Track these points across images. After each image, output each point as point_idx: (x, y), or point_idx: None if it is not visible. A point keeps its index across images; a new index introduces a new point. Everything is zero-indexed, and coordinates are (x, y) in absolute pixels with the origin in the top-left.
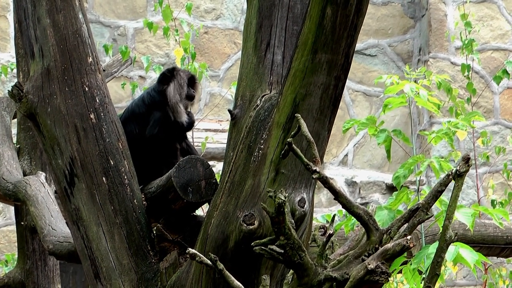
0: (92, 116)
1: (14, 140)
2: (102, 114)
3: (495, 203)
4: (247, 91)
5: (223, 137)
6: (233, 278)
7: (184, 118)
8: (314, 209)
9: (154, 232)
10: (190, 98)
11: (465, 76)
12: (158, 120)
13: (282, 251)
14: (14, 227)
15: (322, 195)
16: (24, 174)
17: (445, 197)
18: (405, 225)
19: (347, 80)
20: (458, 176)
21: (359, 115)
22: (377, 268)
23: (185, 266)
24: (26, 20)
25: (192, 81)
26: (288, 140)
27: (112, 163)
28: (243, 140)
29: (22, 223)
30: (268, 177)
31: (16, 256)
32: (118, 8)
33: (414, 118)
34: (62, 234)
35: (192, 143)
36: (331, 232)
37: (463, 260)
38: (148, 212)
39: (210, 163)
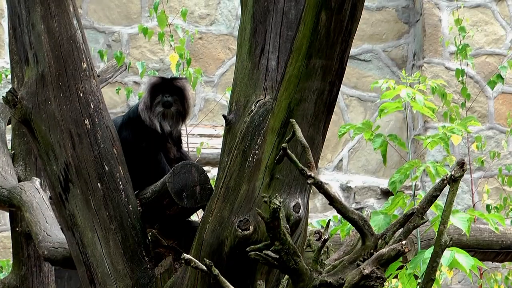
0: (86, 121)
1: (9, 146)
2: (96, 119)
3: (490, 208)
4: (242, 96)
5: (218, 143)
6: (228, 283)
7: (159, 124)
8: (309, 214)
9: (149, 237)
10: (165, 104)
11: (459, 81)
12: (140, 127)
13: (277, 256)
14: (9, 233)
15: (317, 200)
16: (19, 180)
17: (441, 201)
18: (400, 230)
19: (342, 85)
20: (453, 181)
21: (354, 120)
22: (372, 273)
23: (180, 271)
24: (21, 26)
25: (164, 87)
26: (282, 145)
27: (107, 169)
28: (237, 146)
29: (17, 229)
30: (263, 183)
31: (11, 262)
32: (113, 14)
33: (409, 123)
34: (57, 240)
35: (187, 152)
36: (326, 237)
37: (458, 265)
38: (143, 218)
39: (205, 168)
